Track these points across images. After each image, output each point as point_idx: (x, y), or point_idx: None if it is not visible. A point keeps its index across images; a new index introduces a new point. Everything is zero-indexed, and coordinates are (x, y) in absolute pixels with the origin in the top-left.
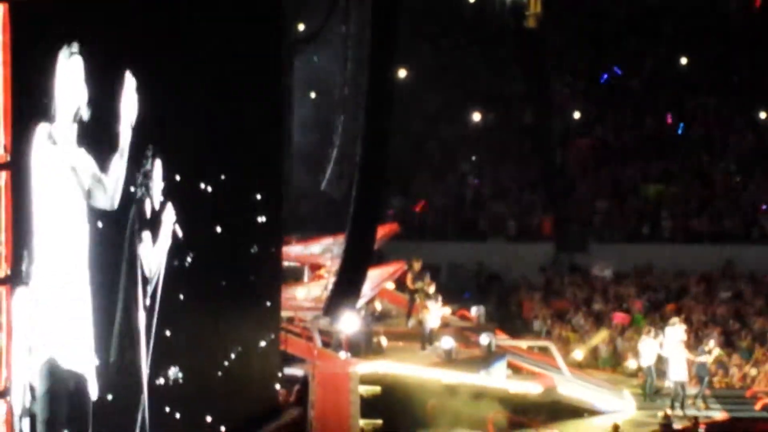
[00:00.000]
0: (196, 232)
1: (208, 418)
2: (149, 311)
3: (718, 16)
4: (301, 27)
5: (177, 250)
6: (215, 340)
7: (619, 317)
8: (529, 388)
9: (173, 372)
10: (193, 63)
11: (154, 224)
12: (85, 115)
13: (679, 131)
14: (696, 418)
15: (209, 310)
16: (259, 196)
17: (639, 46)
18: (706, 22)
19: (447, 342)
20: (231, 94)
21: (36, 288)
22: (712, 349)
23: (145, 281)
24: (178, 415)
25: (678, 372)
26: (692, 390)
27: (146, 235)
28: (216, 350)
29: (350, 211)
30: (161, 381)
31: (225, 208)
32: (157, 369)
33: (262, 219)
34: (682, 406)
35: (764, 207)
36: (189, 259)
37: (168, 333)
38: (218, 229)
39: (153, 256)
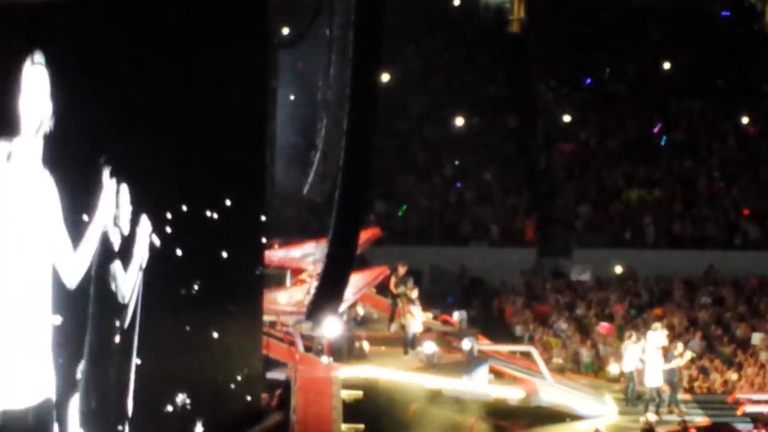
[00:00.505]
0: (176, 240)
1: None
2: (126, 334)
3: (702, 20)
4: (286, 30)
5: (155, 261)
6: (199, 347)
7: (605, 328)
8: (511, 393)
9: (157, 384)
10: (174, 66)
11: (124, 252)
12: (48, 129)
13: (662, 141)
14: (685, 422)
15: (191, 317)
16: (240, 200)
17: (623, 50)
18: (690, 25)
19: (429, 347)
20: (213, 97)
21: None
22: (683, 353)
23: (120, 308)
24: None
25: (653, 378)
26: (667, 394)
27: (116, 264)
28: (200, 356)
29: (333, 215)
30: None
31: (204, 214)
32: (140, 385)
33: (243, 223)
34: (657, 412)
35: (747, 212)
36: (169, 269)
37: (151, 345)
38: (198, 235)
39: (126, 280)
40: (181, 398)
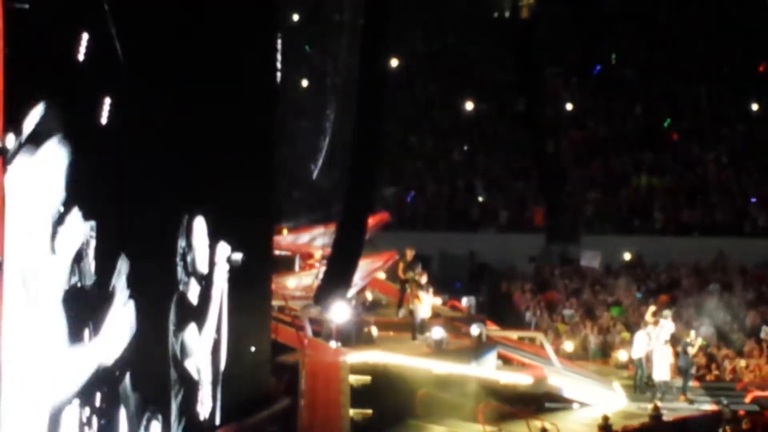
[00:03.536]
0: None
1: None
2: None
3: (709, 6)
4: (295, 16)
5: None
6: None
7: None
8: (519, 379)
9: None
10: (184, 51)
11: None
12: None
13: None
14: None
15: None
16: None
17: (631, 36)
18: (697, 11)
19: (437, 332)
20: (222, 82)
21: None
22: (694, 341)
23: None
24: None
25: (660, 370)
26: (678, 382)
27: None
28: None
29: (342, 200)
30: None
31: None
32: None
33: (252, 208)
34: (662, 398)
35: (755, 199)
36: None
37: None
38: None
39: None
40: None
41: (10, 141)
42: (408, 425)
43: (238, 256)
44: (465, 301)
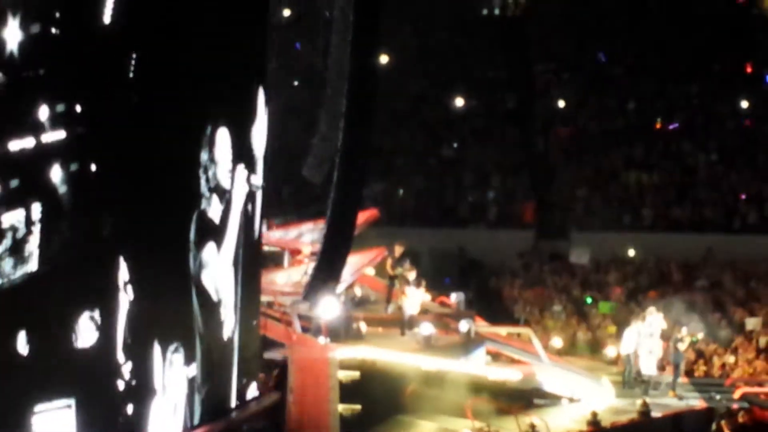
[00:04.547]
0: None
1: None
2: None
3: (701, 3)
4: (286, 12)
5: None
6: None
7: None
8: (508, 375)
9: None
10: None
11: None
12: None
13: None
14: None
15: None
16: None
17: (622, 33)
18: (689, 8)
19: (426, 328)
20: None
21: None
22: (684, 337)
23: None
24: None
25: (648, 365)
26: (668, 377)
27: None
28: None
29: (331, 195)
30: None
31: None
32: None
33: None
34: (646, 393)
35: (745, 196)
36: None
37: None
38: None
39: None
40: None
41: None
42: (397, 421)
43: (258, 181)
44: (454, 297)
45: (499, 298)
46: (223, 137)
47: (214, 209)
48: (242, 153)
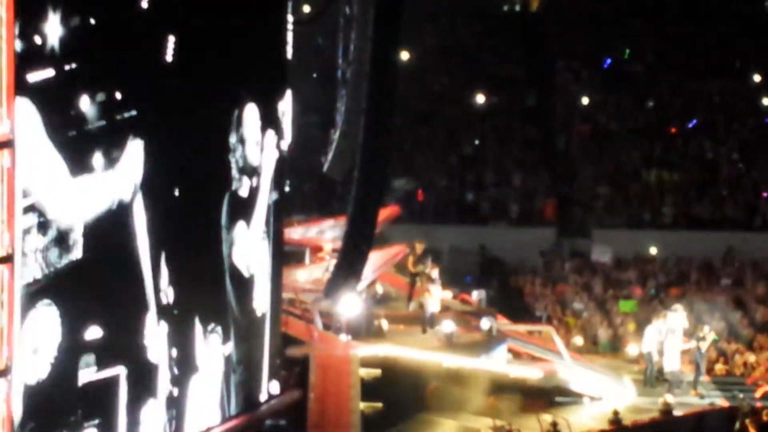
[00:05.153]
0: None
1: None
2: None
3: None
4: (306, 8)
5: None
6: None
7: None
8: (529, 373)
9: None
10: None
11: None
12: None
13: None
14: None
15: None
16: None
17: (642, 31)
18: (709, 5)
19: (448, 326)
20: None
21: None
22: (706, 335)
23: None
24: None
25: (671, 361)
26: (689, 376)
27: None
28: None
29: (352, 193)
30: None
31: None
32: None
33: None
34: (673, 392)
35: (766, 194)
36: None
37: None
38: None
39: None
40: None
41: None
42: (418, 419)
43: (285, 146)
44: (475, 295)
45: (521, 295)
46: (251, 113)
47: (244, 188)
48: (270, 120)
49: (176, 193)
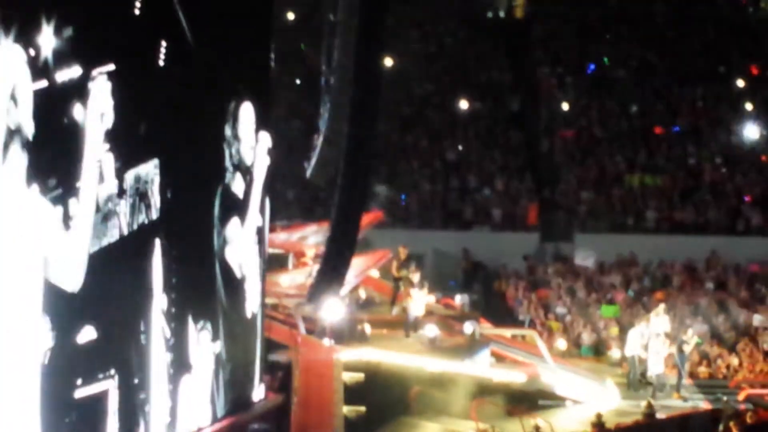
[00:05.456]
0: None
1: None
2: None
3: (705, 5)
4: (290, 15)
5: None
6: None
7: None
8: (512, 377)
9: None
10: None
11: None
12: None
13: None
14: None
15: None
16: None
17: (626, 36)
18: (693, 11)
19: (431, 330)
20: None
21: None
22: (690, 339)
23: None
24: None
25: (654, 365)
26: (672, 379)
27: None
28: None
29: (335, 198)
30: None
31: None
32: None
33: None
34: (655, 395)
35: (748, 199)
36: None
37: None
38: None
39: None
40: None
41: None
42: (401, 423)
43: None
44: (458, 299)
45: (504, 299)
46: (246, 112)
47: (237, 185)
48: (264, 122)
49: (170, 177)
